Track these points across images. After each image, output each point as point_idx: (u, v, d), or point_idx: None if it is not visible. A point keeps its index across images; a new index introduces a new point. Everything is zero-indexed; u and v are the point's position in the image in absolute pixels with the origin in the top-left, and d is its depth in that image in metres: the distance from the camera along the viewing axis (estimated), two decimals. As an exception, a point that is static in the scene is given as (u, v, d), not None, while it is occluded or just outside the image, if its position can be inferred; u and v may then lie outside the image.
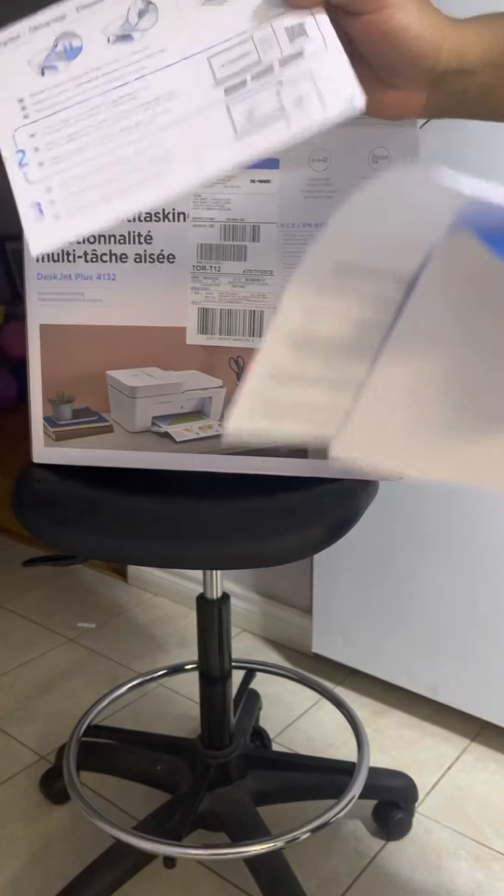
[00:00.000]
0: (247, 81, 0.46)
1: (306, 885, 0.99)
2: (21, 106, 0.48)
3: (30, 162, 0.48)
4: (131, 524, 0.77)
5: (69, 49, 0.48)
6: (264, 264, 0.81)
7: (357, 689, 1.39)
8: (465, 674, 1.24)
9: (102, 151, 0.47)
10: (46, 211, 0.47)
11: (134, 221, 0.83)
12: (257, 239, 0.81)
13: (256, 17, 0.47)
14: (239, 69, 0.47)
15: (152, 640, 1.58)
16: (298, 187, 0.79)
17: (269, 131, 0.46)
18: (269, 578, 1.56)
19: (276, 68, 0.46)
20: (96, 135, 0.47)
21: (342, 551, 1.33)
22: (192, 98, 0.47)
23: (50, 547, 0.80)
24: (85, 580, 1.84)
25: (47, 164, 0.47)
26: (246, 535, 0.75)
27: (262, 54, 0.46)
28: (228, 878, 1.01)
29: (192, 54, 0.47)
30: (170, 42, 0.48)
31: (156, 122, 0.47)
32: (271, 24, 0.47)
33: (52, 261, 0.85)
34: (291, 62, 0.46)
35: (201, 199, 0.81)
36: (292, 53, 0.46)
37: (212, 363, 0.84)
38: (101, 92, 0.48)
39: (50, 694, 1.40)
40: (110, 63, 0.48)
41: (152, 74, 0.48)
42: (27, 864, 1.04)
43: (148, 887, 1.00)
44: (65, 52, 0.48)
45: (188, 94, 0.47)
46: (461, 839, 1.07)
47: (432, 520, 1.21)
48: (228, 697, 1.00)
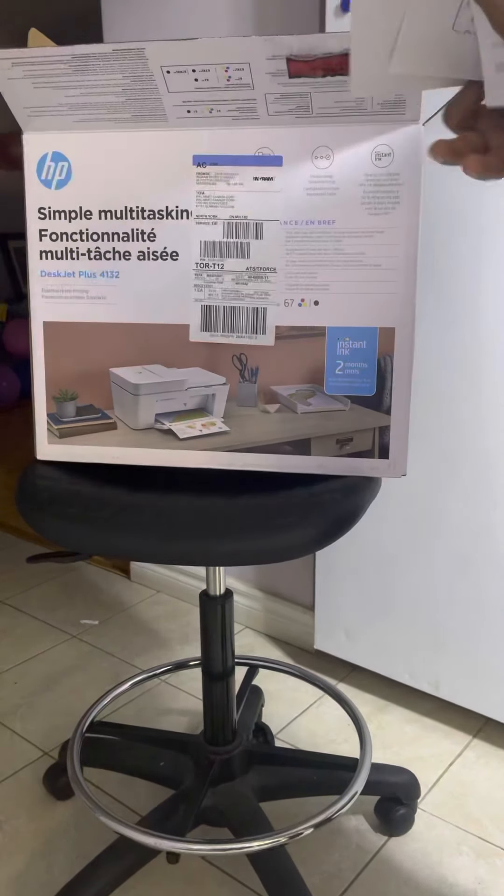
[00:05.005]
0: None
1: (309, 881, 0.99)
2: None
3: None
4: (135, 521, 0.77)
5: None
6: (267, 261, 0.81)
7: (359, 686, 1.39)
8: (468, 670, 1.24)
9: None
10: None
11: (137, 219, 0.83)
12: (260, 236, 0.81)
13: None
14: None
15: (155, 636, 1.59)
16: (302, 184, 0.79)
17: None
18: (272, 575, 1.56)
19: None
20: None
21: (344, 548, 1.33)
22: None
23: (53, 544, 0.80)
24: (88, 577, 1.85)
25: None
26: (249, 531, 0.75)
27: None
28: (231, 874, 1.02)
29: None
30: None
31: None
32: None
33: (55, 259, 0.85)
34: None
35: (204, 196, 0.81)
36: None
37: (215, 360, 0.84)
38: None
39: (53, 690, 1.40)
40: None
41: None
42: (31, 859, 1.04)
43: (151, 882, 1.00)
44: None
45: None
46: (463, 835, 1.07)
47: (434, 517, 1.22)
48: (231, 694, 1.01)
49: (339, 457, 0.84)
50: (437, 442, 1.18)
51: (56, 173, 0.83)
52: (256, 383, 0.84)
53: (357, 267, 0.80)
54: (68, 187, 0.84)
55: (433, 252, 1.13)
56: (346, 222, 0.79)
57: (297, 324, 0.82)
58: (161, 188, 0.82)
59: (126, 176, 0.82)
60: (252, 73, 0.73)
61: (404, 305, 0.80)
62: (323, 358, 0.83)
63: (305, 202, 0.80)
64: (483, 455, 1.15)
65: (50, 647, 1.54)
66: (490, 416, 1.13)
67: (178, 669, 1.35)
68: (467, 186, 1.07)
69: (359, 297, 0.81)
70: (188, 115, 0.79)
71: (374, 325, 0.81)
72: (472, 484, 1.17)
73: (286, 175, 0.79)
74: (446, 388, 1.16)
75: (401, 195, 0.78)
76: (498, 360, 1.11)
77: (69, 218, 0.84)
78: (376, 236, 0.79)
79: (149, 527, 0.76)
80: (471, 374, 1.13)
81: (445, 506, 1.20)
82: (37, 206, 0.85)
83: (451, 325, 1.13)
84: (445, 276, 1.12)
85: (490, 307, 1.10)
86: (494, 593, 1.18)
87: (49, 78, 0.76)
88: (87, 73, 0.75)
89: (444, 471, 1.19)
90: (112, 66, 0.74)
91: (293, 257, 0.81)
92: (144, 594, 1.76)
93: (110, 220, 0.83)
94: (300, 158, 0.79)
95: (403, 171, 0.78)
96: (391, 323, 0.81)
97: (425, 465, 1.20)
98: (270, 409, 0.84)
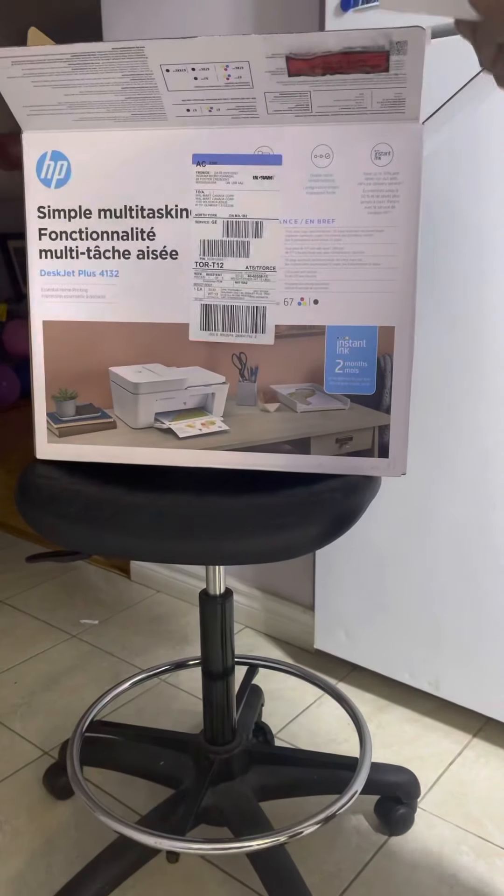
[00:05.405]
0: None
1: (309, 880, 0.99)
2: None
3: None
4: (134, 520, 0.77)
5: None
6: (267, 260, 0.81)
7: (359, 685, 1.39)
8: (468, 670, 1.24)
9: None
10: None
11: (137, 218, 0.83)
12: (260, 235, 0.81)
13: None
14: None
15: (155, 636, 1.58)
16: (301, 183, 0.79)
17: None
18: (272, 575, 1.56)
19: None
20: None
21: (344, 548, 1.33)
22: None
23: (53, 543, 0.80)
24: (88, 577, 1.85)
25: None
26: (249, 530, 0.75)
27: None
28: (231, 873, 1.02)
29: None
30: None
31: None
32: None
33: (55, 258, 0.85)
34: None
35: (204, 195, 0.81)
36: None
37: (214, 359, 0.84)
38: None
39: (53, 690, 1.40)
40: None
41: None
42: (31, 858, 1.04)
43: (151, 882, 1.00)
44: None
45: None
46: (463, 834, 1.07)
47: (434, 516, 1.22)
48: (231, 693, 1.01)
49: (339, 456, 0.84)
50: (437, 442, 1.18)
51: (55, 172, 0.83)
52: (256, 382, 0.84)
53: (357, 266, 0.80)
54: (68, 186, 0.84)
55: (433, 251, 1.13)
56: (345, 221, 0.79)
57: (297, 323, 0.82)
58: (160, 187, 0.82)
59: (125, 175, 0.82)
60: (251, 71, 0.73)
61: (404, 304, 0.80)
62: (322, 357, 0.83)
63: (305, 201, 0.80)
64: (483, 455, 1.15)
65: (50, 647, 1.54)
66: (490, 416, 1.13)
67: (178, 669, 1.35)
68: (468, 185, 1.07)
69: (358, 296, 0.81)
70: (188, 113, 0.79)
71: (374, 323, 0.81)
72: (471, 483, 1.17)
73: (286, 174, 0.79)
74: (446, 387, 1.16)
75: (400, 194, 0.78)
76: (498, 360, 1.11)
77: (69, 217, 0.84)
78: (376, 235, 0.79)
79: (148, 526, 0.76)
80: (471, 374, 1.13)
81: (445, 505, 1.20)
82: (36, 205, 0.85)
83: (451, 325, 1.13)
84: (445, 275, 1.12)
85: (491, 306, 1.10)
86: (494, 593, 1.18)
87: (48, 77, 0.76)
88: (86, 71, 0.75)
89: (444, 470, 1.19)
90: (111, 65, 0.74)
91: (293, 256, 0.81)
92: (144, 594, 1.76)
93: (110, 218, 0.83)
94: (300, 157, 0.79)
95: (403, 170, 0.78)
96: (391, 322, 0.81)
97: (425, 464, 1.20)
98: (270, 409, 0.84)
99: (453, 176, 1.08)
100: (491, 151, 1.05)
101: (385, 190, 0.78)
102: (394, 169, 0.78)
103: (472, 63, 1.03)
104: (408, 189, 0.78)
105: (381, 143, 0.77)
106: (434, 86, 1.06)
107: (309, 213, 0.80)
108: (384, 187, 0.78)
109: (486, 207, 1.07)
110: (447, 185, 1.09)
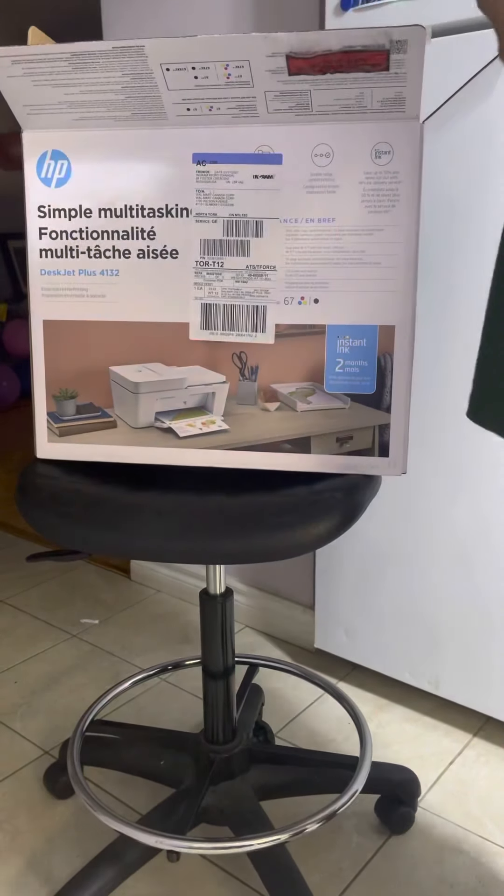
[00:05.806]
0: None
1: (309, 879, 0.99)
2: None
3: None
4: (135, 519, 0.77)
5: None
6: (267, 259, 0.81)
7: (359, 685, 1.39)
8: (468, 669, 1.24)
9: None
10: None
11: (137, 217, 0.83)
12: (260, 234, 0.81)
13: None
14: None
15: (155, 635, 1.58)
16: (301, 182, 0.79)
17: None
18: (272, 574, 1.56)
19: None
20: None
21: (344, 547, 1.33)
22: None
23: (53, 543, 0.80)
24: (88, 576, 1.85)
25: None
26: (249, 529, 0.75)
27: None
28: (232, 872, 1.02)
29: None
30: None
31: None
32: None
33: (55, 257, 0.85)
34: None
35: (204, 194, 0.81)
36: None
37: (214, 359, 0.84)
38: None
39: (53, 690, 1.40)
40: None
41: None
42: (31, 858, 1.04)
43: (151, 881, 1.00)
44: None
45: None
46: (463, 834, 1.07)
47: (434, 515, 1.22)
48: (231, 693, 1.01)
49: (339, 455, 0.84)
50: (437, 441, 1.18)
51: (56, 171, 0.83)
52: (256, 381, 0.84)
53: (357, 265, 0.80)
54: (68, 185, 0.83)
55: (434, 250, 1.13)
56: (345, 220, 0.79)
57: (297, 322, 0.82)
58: (161, 186, 0.82)
59: (126, 174, 0.82)
60: (252, 70, 0.73)
61: (404, 303, 0.80)
62: (323, 356, 0.83)
63: (305, 200, 0.80)
64: (483, 454, 1.15)
65: (50, 647, 1.54)
66: (490, 414, 1.13)
67: (179, 668, 1.35)
68: (469, 184, 1.07)
69: (359, 295, 0.81)
70: (188, 112, 0.79)
71: (374, 322, 0.81)
72: (471, 483, 1.17)
73: (286, 173, 0.79)
74: (446, 387, 1.16)
75: (400, 193, 0.78)
76: (498, 359, 1.10)
77: (69, 216, 0.84)
78: (376, 234, 0.79)
79: (149, 525, 0.76)
80: (471, 374, 1.13)
81: (445, 505, 1.20)
82: (36, 205, 0.84)
83: (451, 324, 1.13)
84: (446, 275, 1.12)
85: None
86: (494, 592, 1.18)
87: (49, 76, 0.76)
88: (86, 70, 0.75)
89: (444, 470, 1.19)
90: (112, 64, 0.74)
91: (293, 255, 0.81)
92: (145, 593, 1.76)
93: (110, 218, 0.83)
94: (300, 156, 0.79)
95: (403, 169, 0.78)
96: (391, 321, 0.81)
97: (425, 463, 1.20)
98: (270, 408, 0.84)
99: (453, 175, 1.08)
100: (491, 150, 1.05)
101: (385, 189, 0.78)
102: (394, 168, 0.78)
103: (472, 62, 1.03)
104: (408, 188, 0.78)
105: (382, 142, 0.77)
106: (434, 85, 1.06)
107: (309, 213, 0.80)
108: (384, 186, 0.78)
109: (486, 206, 1.07)
110: (447, 185, 1.09)
